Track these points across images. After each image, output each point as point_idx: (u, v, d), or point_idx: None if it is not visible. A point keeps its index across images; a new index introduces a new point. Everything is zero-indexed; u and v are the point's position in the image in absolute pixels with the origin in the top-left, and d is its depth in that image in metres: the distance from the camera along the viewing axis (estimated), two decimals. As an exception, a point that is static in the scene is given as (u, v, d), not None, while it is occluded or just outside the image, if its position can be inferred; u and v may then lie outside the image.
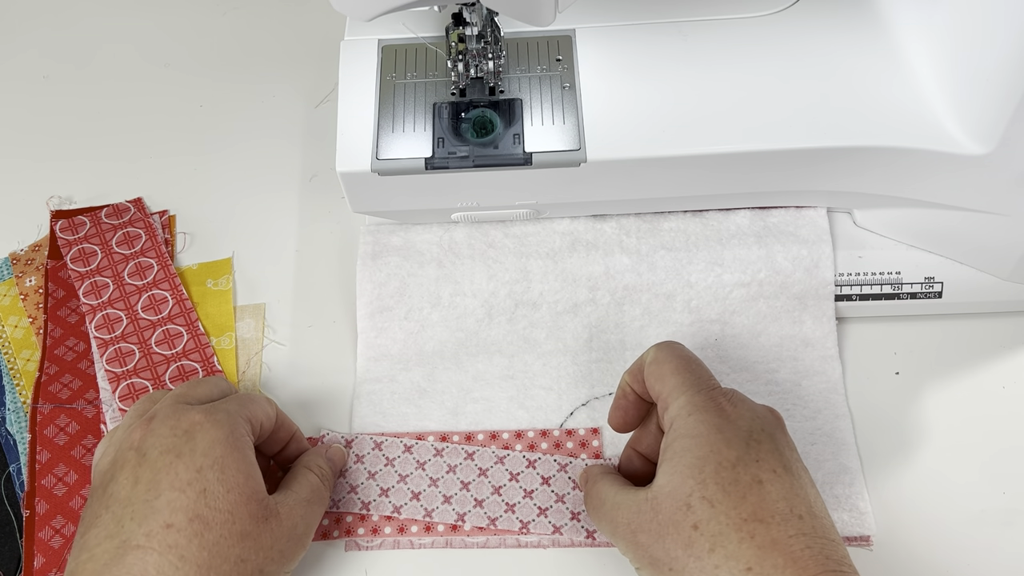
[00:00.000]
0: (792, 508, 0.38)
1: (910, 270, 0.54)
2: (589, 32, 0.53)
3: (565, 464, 0.50)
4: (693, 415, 0.41)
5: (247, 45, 0.70)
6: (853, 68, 0.50)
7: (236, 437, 0.43)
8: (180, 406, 0.44)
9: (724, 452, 0.39)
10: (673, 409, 0.42)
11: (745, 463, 0.39)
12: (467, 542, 0.49)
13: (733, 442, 0.40)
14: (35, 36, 0.72)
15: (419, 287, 0.54)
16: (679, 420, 0.41)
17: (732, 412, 0.41)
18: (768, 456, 0.40)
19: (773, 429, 0.42)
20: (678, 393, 0.42)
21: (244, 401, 0.46)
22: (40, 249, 0.60)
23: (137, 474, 0.41)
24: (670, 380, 0.43)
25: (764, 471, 0.39)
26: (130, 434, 0.43)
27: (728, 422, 0.41)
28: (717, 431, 0.40)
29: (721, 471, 0.39)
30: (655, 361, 0.44)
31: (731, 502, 0.38)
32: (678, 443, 0.40)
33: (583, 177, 0.50)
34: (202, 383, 0.48)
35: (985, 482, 0.50)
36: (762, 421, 0.41)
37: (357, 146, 0.50)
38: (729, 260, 0.53)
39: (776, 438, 0.41)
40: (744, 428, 0.40)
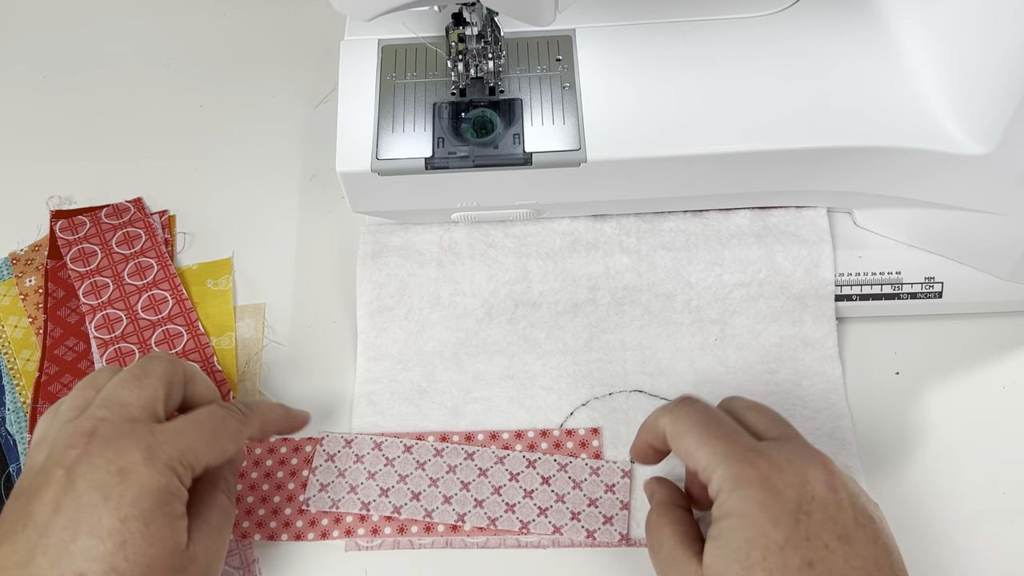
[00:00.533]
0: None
1: (910, 270, 0.54)
2: (589, 32, 0.53)
3: (565, 464, 0.50)
4: (736, 491, 0.38)
5: (247, 45, 0.70)
6: (853, 68, 0.50)
7: (170, 491, 0.40)
8: (124, 427, 0.41)
9: (771, 534, 0.37)
10: (715, 483, 0.39)
11: (794, 543, 0.37)
12: (467, 542, 0.49)
13: (780, 520, 0.37)
14: (35, 36, 0.72)
15: (419, 287, 0.54)
16: (723, 495, 0.39)
17: (778, 480, 0.38)
18: (819, 529, 0.37)
19: (824, 491, 0.38)
20: (714, 466, 0.39)
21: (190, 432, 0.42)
22: (40, 249, 0.60)
23: (60, 502, 0.39)
24: (700, 455, 0.40)
25: (815, 549, 0.37)
26: (67, 445, 0.40)
27: (775, 496, 0.38)
28: (763, 509, 0.37)
29: (768, 555, 0.37)
30: (675, 434, 0.42)
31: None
32: (724, 521, 0.38)
33: (583, 177, 0.50)
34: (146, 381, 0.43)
35: (985, 482, 0.50)
36: (812, 485, 0.38)
37: (357, 146, 0.50)
38: (729, 260, 0.53)
39: (827, 505, 0.38)
40: (792, 500, 0.38)
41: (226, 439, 0.43)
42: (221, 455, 0.43)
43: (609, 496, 0.49)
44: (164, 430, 0.41)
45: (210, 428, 0.43)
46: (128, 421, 0.41)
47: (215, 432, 0.43)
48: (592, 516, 0.49)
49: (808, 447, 0.41)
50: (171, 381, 0.44)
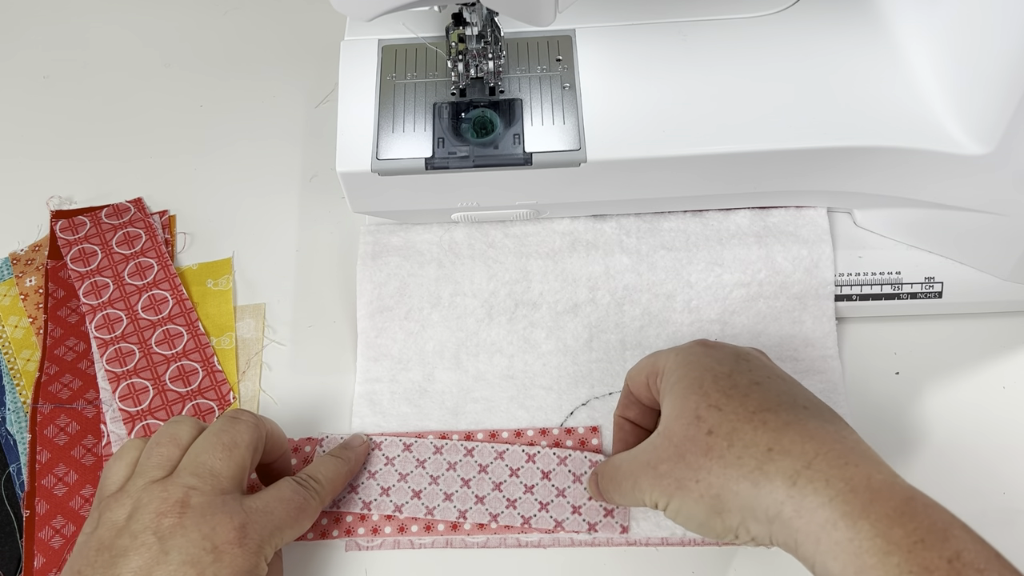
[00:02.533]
0: (795, 400, 0.40)
1: (910, 270, 0.54)
2: (589, 32, 0.53)
3: (564, 457, 0.50)
4: (679, 353, 0.43)
5: (247, 45, 0.70)
6: (853, 68, 0.50)
7: (257, 573, 0.41)
8: (217, 501, 0.41)
9: (716, 368, 0.41)
10: (660, 363, 0.44)
11: (740, 372, 0.41)
12: (467, 542, 0.49)
13: (723, 360, 0.42)
14: (35, 36, 0.72)
15: (419, 287, 0.54)
16: (668, 363, 0.43)
17: (715, 344, 0.44)
18: (758, 368, 0.42)
19: (759, 354, 0.44)
20: (658, 355, 0.44)
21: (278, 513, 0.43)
22: (40, 249, 0.60)
23: (151, 571, 0.39)
24: (646, 361, 0.45)
25: (759, 377, 0.41)
26: (159, 512, 0.40)
27: (714, 348, 0.43)
28: (705, 355, 0.42)
29: (719, 380, 0.41)
30: (629, 377, 0.46)
31: (736, 401, 0.40)
32: (672, 375, 0.42)
33: (583, 177, 0.50)
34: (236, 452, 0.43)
35: (985, 482, 0.50)
36: (747, 349, 0.44)
37: (357, 146, 0.50)
38: (729, 260, 0.53)
39: (761, 359, 0.43)
40: (730, 351, 0.43)
41: (307, 519, 0.45)
42: (299, 534, 0.44)
43: None
44: (255, 509, 0.42)
45: (295, 508, 0.44)
46: (220, 493, 0.42)
47: (299, 513, 0.44)
48: (593, 509, 0.49)
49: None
50: (256, 448, 0.45)
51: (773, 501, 0.37)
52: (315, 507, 0.45)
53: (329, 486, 0.47)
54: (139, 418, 0.53)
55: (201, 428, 0.45)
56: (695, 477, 0.39)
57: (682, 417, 0.40)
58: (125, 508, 0.41)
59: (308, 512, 0.45)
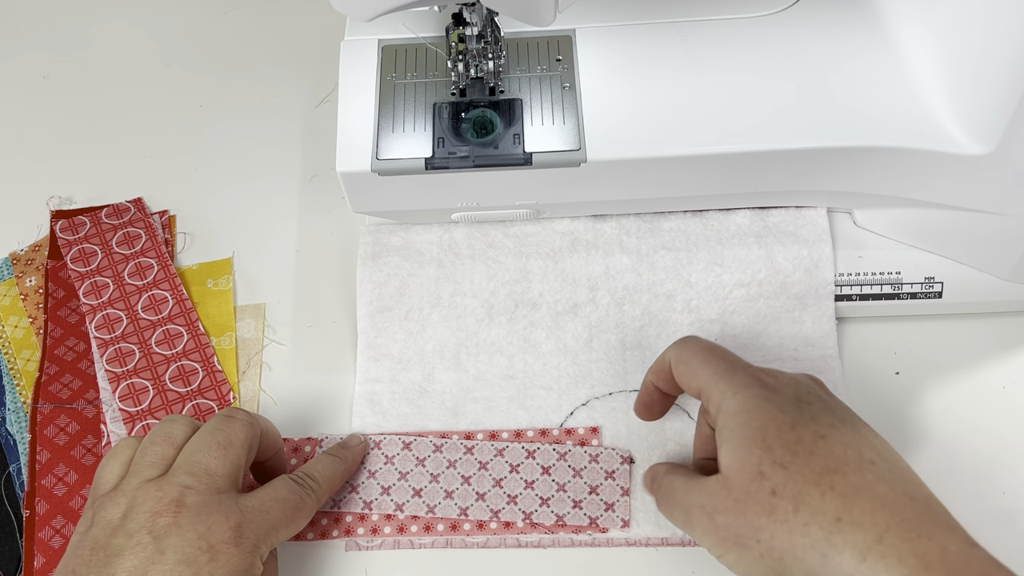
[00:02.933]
0: (862, 455, 0.38)
1: (910, 270, 0.54)
2: (589, 32, 0.53)
3: (564, 453, 0.50)
4: (738, 394, 0.41)
5: (247, 45, 0.70)
6: (853, 68, 0.50)
7: (252, 573, 0.41)
8: (212, 500, 0.41)
9: (779, 417, 0.39)
10: (716, 396, 0.42)
11: (803, 423, 0.39)
12: (467, 542, 0.49)
13: (785, 407, 0.40)
14: (35, 36, 0.72)
15: (419, 287, 0.54)
16: (725, 403, 0.41)
17: (774, 383, 0.41)
18: (821, 413, 0.40)
19: (818, 391, 0.42)
20: (715, 380, 0.42)
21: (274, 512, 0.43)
22: (40, 249, 0.60)
23: (147, 570, 0.39)
24: (702, 373, 0.43)
25: (823, 427, 0.39)
26: (154, 511, 0.40)
27: (773, 392, 0.41)
28: (766, 401, 0.40)
29: (783, 434, 0.39)
30: (680, 361, 0.44)
31: (802, 460, 0.38)
32: (732, 421, 0.40)
33: (583, 177, 0.50)
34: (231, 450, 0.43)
35: (985, 482, 0.50)
36: (806, 385, 0.42)
37: (357, 146, 0.50)
38: (729, 260, 0.53)
39: (823, 398, 0.41)
40: (791, 394, 0.41)
41: (303, 518, 0.45)
42: (295, 532, 0.44)
43: (609, 483, 0.49)
44: (251, 508, 0.42)
45: (291, 507, 0.44)
46: (215, 492, 0.42)
47: (295, 512, 0.44)
48: (594, 503, 0.49)
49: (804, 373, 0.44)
50: (251, 447, 0.45)
51: (841, 574, 0.36)
52: (311, 506, 0.45)
53: (326, 485, 0.47)
54: (139, 418, 0.53)
55: (195, 426, 0.45)
56: (756, 536, 0.38)
57: (744, 471, 0.39)
58: (120, 507, 0.41)
59: (304, 511, 0.45)
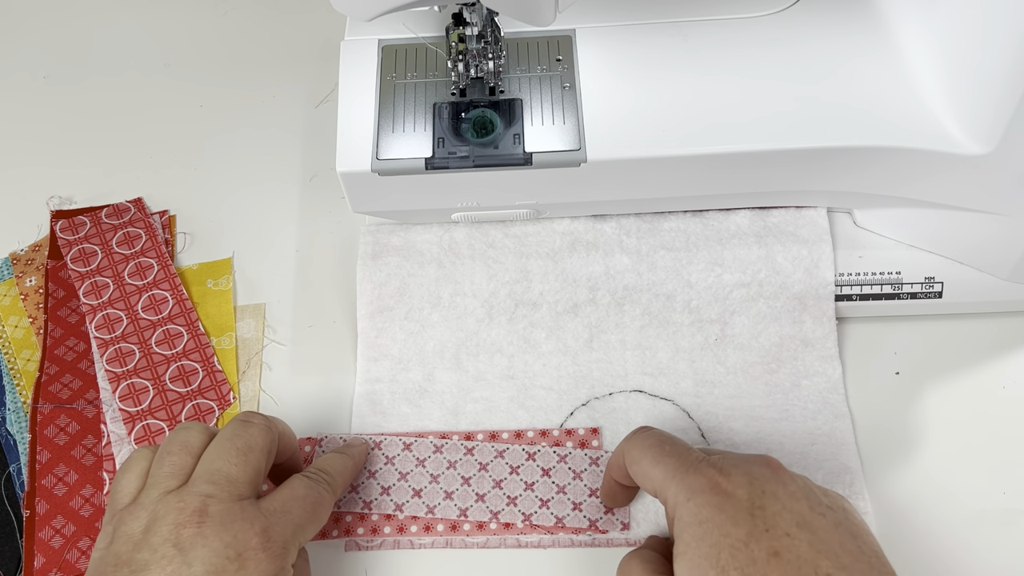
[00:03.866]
0: (817, 570, 0.37)
1: (910, 270, 0.54)
2: (589, 32, 0.53)
3: (565, 455, 0.50)
4: (691, 499, 0.39)
5: (247, 45, 0.70)
6: (853, 68, 0.50)
7: (283, 574, 0.41)
8: (235, 508, 0.41)
9: (733, 532, 0.38)
10: (670, 499, 0.40)
11: (756, 538, 0.37)
12: (467, 542, 0.49)
13: (738, 518, 0.38)
14: (35, 36, 0.72)
15: (419, 287, 0.54)
16: (679, 508, 0.40)
17: (727, 484, 0.39)
18: (776, 519, 0.38)
19: (773, 485, 0.39)
20: (667, 482, 0.40)
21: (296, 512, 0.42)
22: (40, 249, 0.60)
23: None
24: (654, 474, 0.41)
25: (777, 538, 0.37)
26: (177, 523, 0.40)
27: (727, 497, 0.39)
28: (719, 511, 0.38)
29: (736, 554, 0.37)
30: (633, 461, 0.43)
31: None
32: (687, 533, 0.39)
33: (583, 177, 0.50)
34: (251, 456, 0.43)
35: (985, 482, 0.50)
36: (760, 482, 0.39)
37: (357, 146, 0.50)
38: (729, 260, 0.53)
39: (778, 495, 0.39)
40: (744, 498, 0.39)
41: (324, 512, 0.45)
42: (319, 527, 0.44)
43: None
44: (273, 511, 0.42)
45: (312, 504, 0.44)
46: (237, 499, 0.41)
47: (316, 507, 0.44)
48: (593, 506, 0.49)
49: (752, 454, 0.42)
50: (270, 451, 0.44)
51: None
52: (329, 500, 0.45)
53: (339, 479, 0.47)
54: (139, 418, 0.53)
55: (211, 433, 0.44)
56: None
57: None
58: (141, 520, 0.40)
59: (324, 506, 0.45)
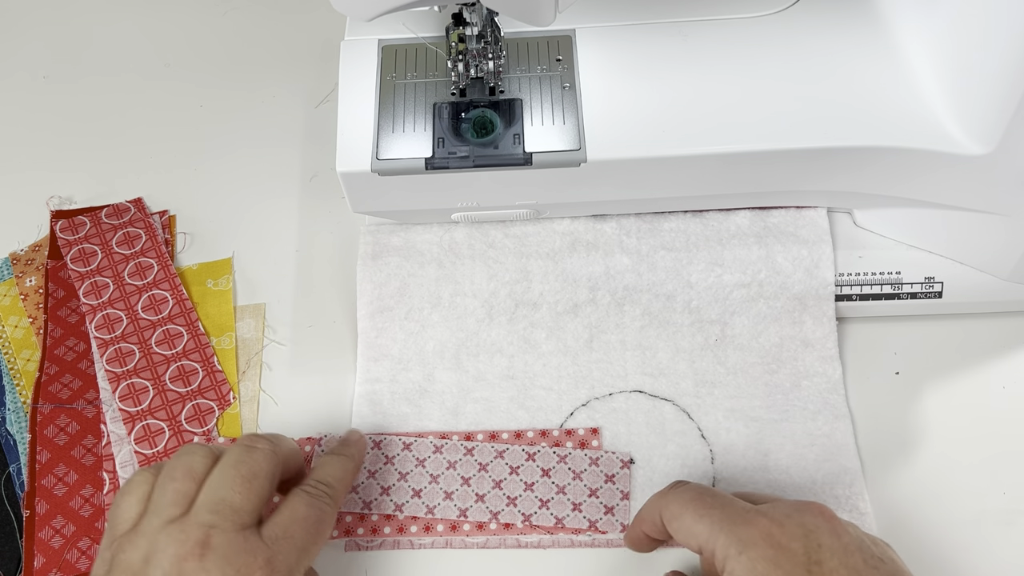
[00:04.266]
0: None
1: (910, 270, 0.54)
2: (589, 32, 0.53)
3: (564, 455, 0.50)
4: (744, 553, 0.38)
5: (247, 45, 0.70)
6: (853, 68, 0.50)
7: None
8: (238, 539, 0.40)
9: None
10: (720, 553, 0.39)
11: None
12: (467, 542, 0.49)
13: (793, 574, 0.37)
14: (35, 36, 0.72)
15: (419, 287, 0.54)
16: (730, 562, 0.38)
17: (781, 535, 0.38)
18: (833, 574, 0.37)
19: (829, 539, 0.38)
20: (715, 535, 0.39)
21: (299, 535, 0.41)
22: (40, 249, 0.60)
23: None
24: (698, 529, 0.40)
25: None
26: (179, 556, 0.39)
27: (782, 551, 0.37)
28: (774, 567, 0.37)
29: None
30: (673, 517, 0.41)
31: None
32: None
33: (583, 177, 0.50)
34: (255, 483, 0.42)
35: (985, 482, 0.50)
36: (816, 535, 0.38)
37: (357, 146, 0.50)
38: (729, 260, 0.53)
39: (835, 550, 0.38)
40: (800, 552, 0.37)
41: (327, 528, 0.44)
42: (323, 544, 0.43)
43: (609, 486, 0.49)
44: (276, 538, 0.41)
45: (314, 523, 0.43)
46: (241, 529, 0.40)
47: (318, 525, 0.43)
48: (593, 506, 0.49)
49: (802, 501, 0.41)
50: (275, 475, 0.43)
51: None
52: (331, 514, 0.44)
53: (340, 487, 0.46)
54: (139, 418, 0.53)
55: (215, 455, 0.43)
56: None
57: None
58: (140, 550, 0.39)
59: (327, 522, 0.44)
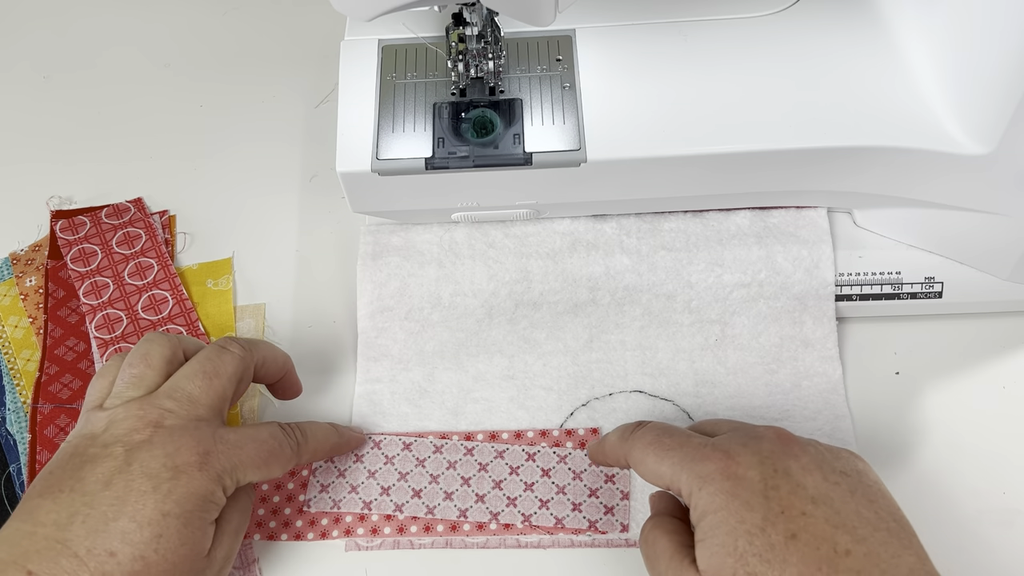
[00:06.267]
0: (836, 547, 0.37)
1: (910, 270, 0.54)
2: (589, 32, 0.53)
3: (564, 456, 0.50)
4: (703, 488, 0.39)
5: (247, 45, 0.70)
6: (853, 68, 0.50)
7: (213, 499, 0.42)
8: (189, 426, 0.42)
9: (748, 518, 0.37)
10: (684, 488, 0.40)
11: (772, 521, 0.37)
12: (467, 542, 0.49)
13: (752, 502, 0.38)
14: (35, 36, 0.72)
15: (419, 287, 0.54)
16: (694, 497, 0.39)
17: (736, 467, 0.39)
18: (791, 499, 0.38)
19: (784, 461, 0.39)
20: (678, 475, 0.40)
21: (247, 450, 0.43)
22: (40, 249, 0.60)
23: (112, 478, 0.40)
24: (662, 470, 0.41)
25: (793, 519, 0.37)
26: (132, 428, 0.42)
27: (739, 482, 0.38)
28: (733, 497, 0.38)
29: (753, 540, 0.37)
30: (638, 463, 0.43)
31: (775, 570, 0.36)
32: (703, 522, 0.39)
33: (583, 177, 0.50)
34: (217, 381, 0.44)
35: (985, 482, 0.50)
36: (771, 460, 0.39)
37: (357, 146, 0.50)
38: (729, 260, 0.53)
39: (791, 471, 0.39)
40: (757, 480, 0.38)
41: (276, 465, 0.45)
42: (267, 477, 0.45)
43: (609, 487, 0.49)
44: (225, 440, 0.43)
45: (267, 451, 0.44)
46: (194, 419, 0.43)
47: (269, 455, 0.44)
48: (593, 506, 0.49)
49: (759, 427, 0.41)
50: (242, 379, 0.46)
51: None
52: (288, 456, 0.45)
53: (312, 443, 0.47)
54: (139, 418, 0.53)
55: (175, 345, 0.46)
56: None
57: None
58: (103, 422, 0.43)
59: (280, 459, 0.45)
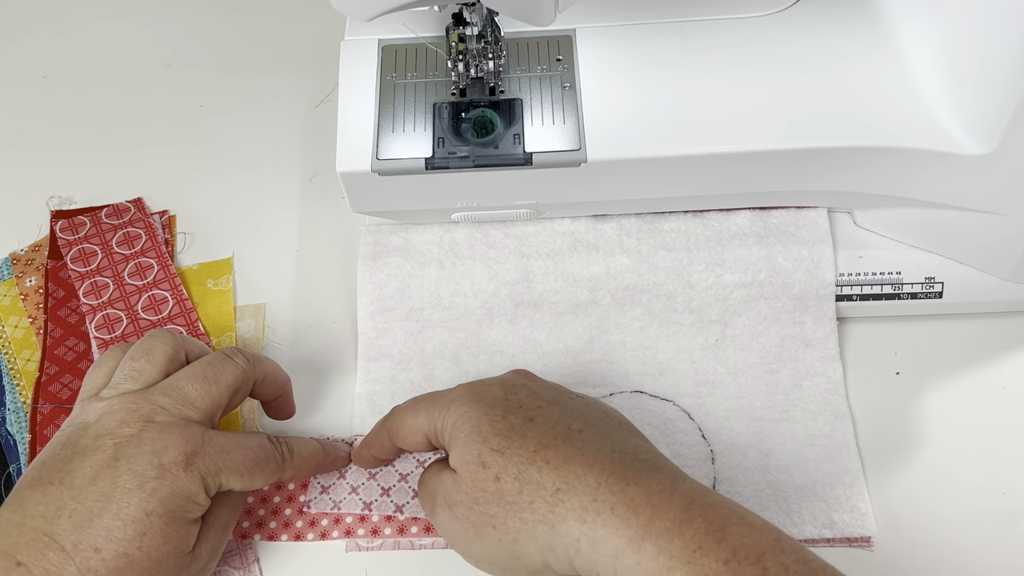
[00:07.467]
0: (569, 427, 0.41)
1: (910, 270, 0.54)
2: (589, 32, 0.53)
3: None
4: (451, 407, 0.43)
5: (247, 45, 0.70)
6: (853, 68, 0.50)
7: (196, 500, 0.42)
8: (179, 425, 0.43)
9: (490, 412, 0.42)
10: (438, 425, 0.43)
11: (512, 411, 0.42)
12: (467, 542, 0.49)
13: (493, 402, 0.42)
14: (35, 36, 0.72)
15: (420, 287, 0.54)
16: (446, 420, 0.43)
17: (480, 387, 0.44)
18: (528, 399, 0.43)
19: (523, 380, 0.45)
20: (431, 417, 0.44)
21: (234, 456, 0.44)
22: (40, 249, 0.60)
23: (100, 473, 0.41)
24: (418, 422, 0.44)
25: (530, 410, 0.42)
26: (123, 421, 0.42)
27: (481, 395, 0.43)
28: (476, 401, 0.43)
29: (495, 424, 0.41)
30: (396, 431, 0.46)
31: (516, 444, 0.40)
32: (452, 428, 0.42)
33: (583, 177, 0.50)
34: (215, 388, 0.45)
35: (985, 482, 0.50)
36: (511, 380, 0.44)
37: (357, 146, 0.50)
38: (730, 261, 0.53)
39: (528, 385, 0.44)
40: (496, 388, 0.43)
41: (260, 475, 0.45)
42: (249, 486, 0.45)
43: None
44: (213, 444, 0.43)
45: (252, 460, 0.45)
46: (185, 419, 0.43)
47: (254, 465, 0.45)
48: None
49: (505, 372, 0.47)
50: (239, 390, 0.46)
51: (570, 540, 0.38)
52: (272, 469, 0.46)
53: (298, 459, 0.47)
54: (139, 418, 0.53)
55: (179, 345, 0.46)
56: (491, 523, 0.40)
57: (468, 465, 0.41)
58: (96, 412, 0.43)
59: (265, 469, 0.45)
